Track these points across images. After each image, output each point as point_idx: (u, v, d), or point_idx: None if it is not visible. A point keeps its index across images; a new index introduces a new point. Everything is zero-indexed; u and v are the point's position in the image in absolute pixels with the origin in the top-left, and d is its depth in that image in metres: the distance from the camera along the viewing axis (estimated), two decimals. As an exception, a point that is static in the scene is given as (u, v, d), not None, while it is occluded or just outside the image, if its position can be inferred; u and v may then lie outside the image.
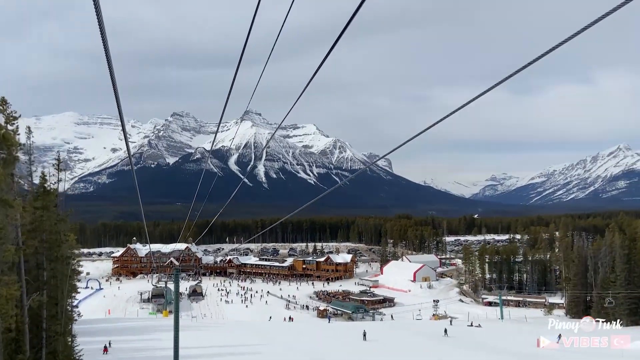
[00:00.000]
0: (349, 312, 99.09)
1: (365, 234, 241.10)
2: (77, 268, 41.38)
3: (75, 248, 37.36)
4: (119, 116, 5.84)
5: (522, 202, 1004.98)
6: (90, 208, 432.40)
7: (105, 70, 4.92)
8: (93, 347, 52.76)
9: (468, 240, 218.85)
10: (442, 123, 6.44)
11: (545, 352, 44.41)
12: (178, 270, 28.91)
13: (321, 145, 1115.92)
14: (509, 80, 5.36)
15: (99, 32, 4.38)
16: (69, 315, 34.71)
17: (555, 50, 4.91)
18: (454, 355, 48.25)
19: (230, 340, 60.23)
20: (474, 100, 5.79)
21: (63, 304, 35.10)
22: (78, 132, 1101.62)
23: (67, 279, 29.69)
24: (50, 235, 29.53)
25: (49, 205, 29.06)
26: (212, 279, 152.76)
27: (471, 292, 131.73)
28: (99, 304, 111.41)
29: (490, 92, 5.65)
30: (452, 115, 6.13)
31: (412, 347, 55.46)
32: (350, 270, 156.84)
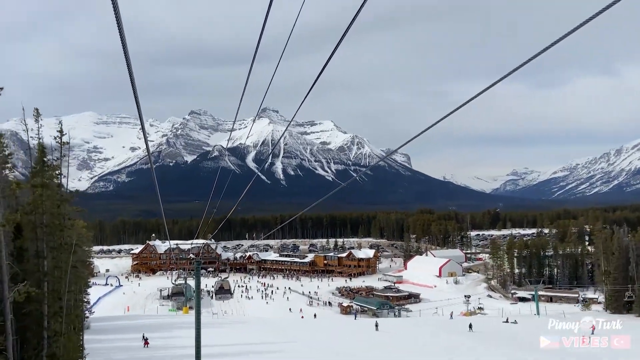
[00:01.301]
0: (374, 308, 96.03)
1: (387, 229, 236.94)
2: (88, 259, 38.23)
3: (85, 236, 33.92)
4: (139, 115, 5.94)
5: (545, 197, 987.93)
6: (110, 207, 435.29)
7: (124, 70, 4.97)
8: (117, 345, 50.43)
9: (493, 235, 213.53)
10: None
11: (591, 349, 41.29)
12: (199, 262, 25.64)
13: (339, 141, 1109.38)
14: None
15: (118, 33, 4.38)
16: (76, 312, 31.06)
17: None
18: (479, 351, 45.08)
19: (253, 338, 57.76)
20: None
21: (72, 299, 31.71)
22: (97, 131, 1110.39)
23: (69, 269, 25.99)
24: (52, 218, 25.91)
25: (49, 183, 25.47)
26: (232, 275, 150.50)
27: (500, 287, 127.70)
28: (119, 301, 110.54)
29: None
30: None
31: (445, 344, 51.63)
32: (372, 265, 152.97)
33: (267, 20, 6.33)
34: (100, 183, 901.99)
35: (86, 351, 44.51)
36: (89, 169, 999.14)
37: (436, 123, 6.79)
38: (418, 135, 7.50)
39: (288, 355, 45.79)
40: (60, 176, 28.55)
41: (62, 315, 25.25)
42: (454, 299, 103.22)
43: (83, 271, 36.65)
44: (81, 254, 36.40)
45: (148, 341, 51.03)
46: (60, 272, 27.22)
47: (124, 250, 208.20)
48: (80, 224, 33.41)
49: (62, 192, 27.96)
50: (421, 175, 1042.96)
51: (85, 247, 38.59)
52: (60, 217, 27.10)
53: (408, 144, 8.23)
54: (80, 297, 38.02)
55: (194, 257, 27.86)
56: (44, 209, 25.86)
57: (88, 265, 42.93)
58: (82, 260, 34.71)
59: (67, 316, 28.70)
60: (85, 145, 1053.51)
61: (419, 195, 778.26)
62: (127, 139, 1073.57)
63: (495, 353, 45.83)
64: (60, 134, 27.59)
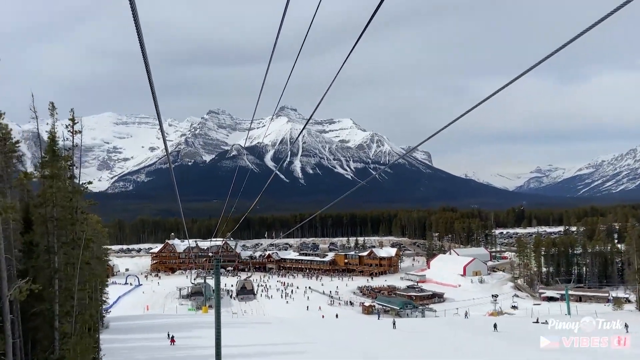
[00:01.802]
0: (397, 308, 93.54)
1: (409, 228, 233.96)
2: (103, 256, 36.51)
3: (100, 232, 32.11)
4: (157, 115, 5.99)
5: (569, 194, 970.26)
6: (130, 206, 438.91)
7: (143, 70, 4.98)
8: (137, 345, 49.10)
9: (518, 233, 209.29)
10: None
11: (625, 351, 38.92)
12: (219, 260, 24.12)
13: (358, 139, 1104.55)
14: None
15: (136, 33, 4.46)
16: (90, 311, 29.17)
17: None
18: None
19: (274, 338, 56.28)
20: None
21: (85, 297, 29.84)
22: (117, 132, 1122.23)
23: (81, 265, 24.08)
24: (63, 211, 24.03)
25: (60, 174, 23.59)
26: (252, 274, 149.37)
27: (527, 286, 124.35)
28: (138, 300, 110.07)
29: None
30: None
31: (482, 349, 48.97)
32: (394, 264, 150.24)
33: (286, 18, 6.39)
34: (120, 183, 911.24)
35: (102, 352, 43.09)
36: (109, 169, 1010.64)
37: (457, 119, 6.68)
38: (439, 131, 7.33)
39: (310, 356, 44.08)
40: (73, 167, 26.69)
41: (73, 314, 23.32)
42: (480, 299, 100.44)
43: (98, 268, 34.74)
44: (96, 250, 34.75)
45: (174, 339, 50.87)
46: (72, 269, 25.40)
47: (144, 249, 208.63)
48: (94, 218, 31.66)
49: (74, 184, 26.08)
50: (442, 173, 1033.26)
51: (101, 243, 36.75)
52: (71, 210, 25.25)
53: (429, 141, 8.17)
54: (95, 296, 36.29)
55: (212, 255, 25.80)
56: (55, 201, 24.03)
57: (104, 263, 41.17)
58: (97, 257, 32.93)
59: (80, 315, 26.88)
60: (105, 145, 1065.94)
61: (440, 193, 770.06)
62: (146, 139, 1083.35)
63: (520, 354, 43.47)
64: (72, 122, 25.68)
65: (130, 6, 4.14)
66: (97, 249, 35.16)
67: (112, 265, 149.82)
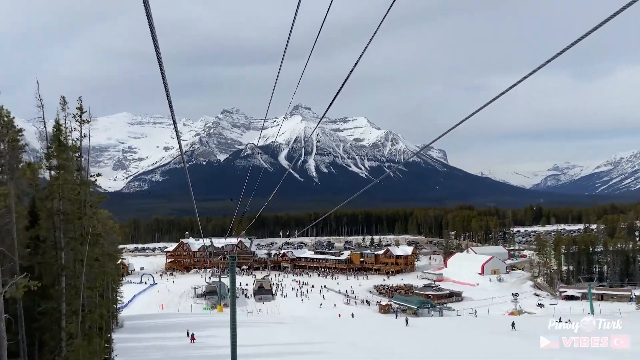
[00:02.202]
0: (414, 307, 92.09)
1: (425, 226, 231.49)
2: (115, 252, 35.29)
3: (111, 227, 30.96)
4: (171, 115, 5.99)
5: (587, 192, 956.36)
6: (145, 206, 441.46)
7: (157, 70, 5.02)
8: (152, 344, 48.30)
9: (536, 231, 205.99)
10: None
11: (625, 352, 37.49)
12: (234, 257, 23.56)
13: (372, 138, 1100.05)
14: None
15: (150, 33, 4.50)
16: (100, 311, 27.98)
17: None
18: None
19: (290, 337, 54.95)
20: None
21: (94, 296, 28.74)
22: (132, 132, 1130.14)
23: (90, 262, 22.90)
24: (70, 205, 22.86)
25: (67, 165, 22.42)
26: (267, 273, 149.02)
27: (547, 285, 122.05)
28: (153, 299, 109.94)
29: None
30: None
31: (488, 345, 47.31)
32: (411, 263, 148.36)
33: (300, 17, 6.57)
34: (135, 183, 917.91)
35: (115, 352, 42.14)
36: (124, 169, 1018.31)
37: (471, 115, 6.67)
38: (453, 127, 7.29)
39: (330, 357, 42.75)
40: (81, 159, 25.50)
41: (80, 314, 22.13)
42: (499, 298, 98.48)
43: (109, 266, 33.50)
44: (107, 247, 33.64)
45: (194, 337, 50.98)
46: (80, 266, 24.24)
47: (159, 248, 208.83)
48: (104, 214, 30.52)
49: (82, 176, 24.91)
50: (458, 171, 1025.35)
51: (113, 240, 35.54)
52: (79, 203, 24.06)
53: (445, 139, 9.08)
54: (107, 295, 35.15)
55: (227, 253, 24.29)
56: (61, 194, 22.85)
57: (116, 260, 39.89)
58: (108, 254, 31.75)
59: (89, 315, 25.72)
60: (120, 145, 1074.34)
61: (456, 191, 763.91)
62: (161, 138, 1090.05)
63: (541, 354, 41.74)
64: (80, 111, 24.51)
65: (144, 7, 4.19)
66: (109, 246, 34.00)
67: (127, 264, 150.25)
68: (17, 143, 18.81)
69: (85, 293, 22.46)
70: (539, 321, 75.70)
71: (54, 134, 21.80)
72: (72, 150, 23.27)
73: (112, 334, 54.72)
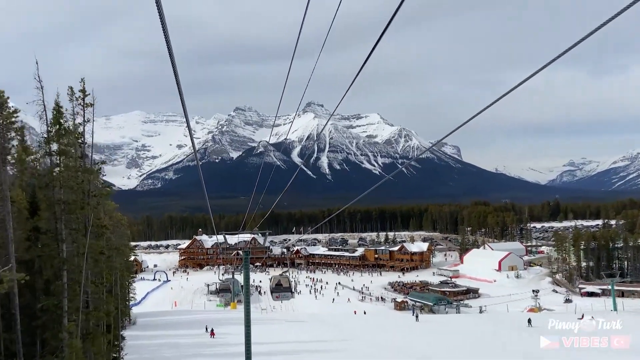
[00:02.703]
0: (430, 304, 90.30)
1: (440, 222, 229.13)
2: (125, 247, 33.86)
3: (118, 219, 29.52)
4: (184, 113, 6.06)
5: (604, 188, 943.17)
6: (158, 203, 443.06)
7: (170, 69, 5.06)
8: (165, 342, 47.24)
9: (553, 227, 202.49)
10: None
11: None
12: (248, 252, 22.98)
13: (385, 134, 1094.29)
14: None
15: (162, 32, 4.56)
16: (108, 308, 26.53)
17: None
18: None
19: (305, 335, 53.30)
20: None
21: (99, 292, 27.35)
22: (145, 130, 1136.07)
23: (93, 255, 21.45)
24: (71, 193, 21.39)
25: (68, 151, 20.96)
26: (281, 269, 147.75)
27: (566, 281, 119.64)
28: (166, 296, 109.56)
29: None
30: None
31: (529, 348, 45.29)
32: (426, 259, 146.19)
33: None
34: (149, 181, 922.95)
35: (125, 351, 40.96)
36: (137, 167, 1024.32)
37: (485, 109, 6.58)
38: (468, 120, 7.18)
39: (346, 355, 41.10)
40: (84, 145, 23.99)
41: (82, 311, 20.68)
42: (518, 294, 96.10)
43: (117, 260, 32.03)
44: (116, 240, 32.18)
45: (214, 332, 51.23)
46: (83, 260, 22.77)
47: (172, 245, 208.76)
48: (111, 205, 29.10)
49: (84, 164, 23.43)
50: (472, 167, 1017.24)
51: (121, 233, 34.06)
52: (81, 192, 22.57)
53: (459, 135, 9.64)
54: (116, 291, 33.75)
55: (241, 248, 23.03)
56: (62, 181, 21.39)
57: (126, 255, 38.36)
58: (116, 247, 30.28)
59: (94, 312, 24.29)
60: (134, 143, 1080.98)
61: (470, 187, 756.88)
62: (174, 136, 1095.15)
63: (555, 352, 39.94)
64: (83, 94, 23.02)
65: (157, 6, 4.18)
66: (117, 240, 32.54)
67: (141, 261, 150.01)
68: (11, 124, 17.37)
69: (89, 289, 20.91)
70: (561, 318, 73.53)
71: (53, 117, 20.30)
72: (74, 135, 21.76)
73: (124, 331, 53.87)
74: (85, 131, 22.73)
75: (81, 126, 22.27)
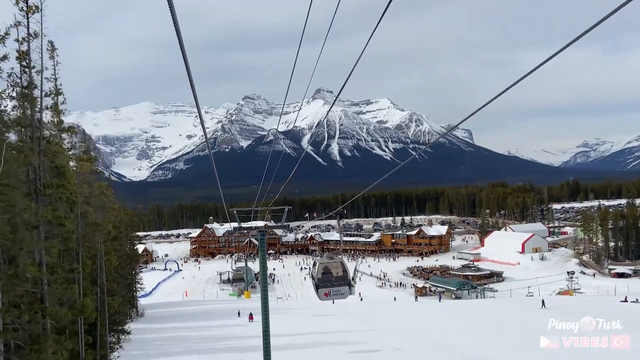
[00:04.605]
0: (454, 289, 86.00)
1: (457, 205, 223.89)
2: (108, 224, 28.54)
3: (102, 192, 24.56)
4: (195, 104, 6.09)
5: (619, 168, 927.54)
6: (169, 194, 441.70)
7: (178, 59, 5.05)
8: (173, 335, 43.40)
9: (574, 207, 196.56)
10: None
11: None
12: (264, 232, 19.83)
13: (396, 119, 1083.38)
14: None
15: (172, 22, 4.54)
16: (85, 302, 21.70)
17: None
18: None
19: (326, 325, 49.19)
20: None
21: (63, 280, 22.82)
22: (154, 121, 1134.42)
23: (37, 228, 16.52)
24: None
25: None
26: (295, 256, 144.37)
27: (593, 263, 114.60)
28: (178, 286, 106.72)
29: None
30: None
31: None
32: (445, 243, 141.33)
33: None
34: (159, 171, 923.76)
35: (123, 350, 36.89)
36: (148, 158, 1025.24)
37: (499, 95, 6.40)
38: (480, 109, 6.99)
39: (372, 348, 36.77)
40: (29, 69, 17.33)
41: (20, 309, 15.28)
42: (549, 277, 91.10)
43: (96, 240, 26.63)
44: (96, 215, 26.84)
45: (252, 316, 51.02)
46: (28, 234, 16.92)
47: (183, 234, 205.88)
48: (86, 167, 24.12)
49: (31, 94, 17.20)
50: (484, 150, 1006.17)
51: (104, 205, 28.57)
52: (24, 131, 17.06)
53: (470, 118, 7.92)
54: (101, 280, 28.62)
55: (256, 228, 17.90)
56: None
57: (112, 234, 32.03)
58: (94, 223, 25.06)
59: (49, 309, 19.10)
60: (144, 135, 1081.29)
61: (483, 171, 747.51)
62: (183, 127, 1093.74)
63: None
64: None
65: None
66: (99, 214, 27.07)
67: (152, 250, 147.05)
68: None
69: (44, 277, 15.67)
70: (588, 301, 68.65)
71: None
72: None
73: (130, 324, 49.91)
74: (31, 51, 16.92)
75: (25, 42, 16.54)
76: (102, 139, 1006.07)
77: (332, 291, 17.65)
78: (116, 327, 32.56)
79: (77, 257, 20.62)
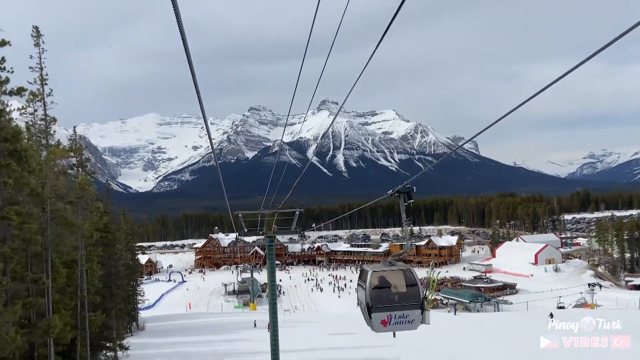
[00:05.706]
0: (466, 301, 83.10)
1: (466, 215, 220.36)
2: (94, 217, 25.51)
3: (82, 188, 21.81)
4: (202, 115, 6.06)
5: (626, 180, 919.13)
6: (175, 205, 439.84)
7: (184, 70, 4.96)
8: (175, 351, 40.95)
9: (585, 218, 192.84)
10: (533, 100, 6.34)
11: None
12: (272, 238, 19.75)
13: (402, 130, 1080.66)
14: (607, 50, 4.87)
15: (179, 33, 4.59)
16: (52, 322, 19.02)
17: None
18: None
19: (334, 340, 45.92)
20: (568, 74, 5.58)
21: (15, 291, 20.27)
22: (161, 132, 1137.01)
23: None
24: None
25: None
26: (302, 267, 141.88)
27: (609, 274, 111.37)
28: (182, 297, 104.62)
29: (586, 63, 5.34)
30: (544, 91, 5.98)
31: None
32: (455, 254, 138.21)
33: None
34: (165, 182, 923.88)
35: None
36: (154, 169, 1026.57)
37: (516, 109, 6.38)
38: (493, 124, 7.12)
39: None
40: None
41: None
42: (556, 291, 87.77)
43: (67, 239, 23.20)
44: (81, 214, 23.89)
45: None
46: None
47: (187, 245, 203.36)
48: (58, 152, 21.45)
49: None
50: (490, 161, 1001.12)
51: (86, 198, 25.14)
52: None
53: (475, 130, 6.86)
54: (82, 292, 25.62)
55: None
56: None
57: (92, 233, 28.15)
58: (71, 223, 21.86)
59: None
60: (150, 146, 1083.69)
61: (489, 182, 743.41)
62: (189, 138, 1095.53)
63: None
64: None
65: (173, 7, 4.18)
66: (80, 213, 23.81)
67: (156, 261, 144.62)
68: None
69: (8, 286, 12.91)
70: (613, 314, 65.50)
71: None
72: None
73: (129, 339, 47.30)
74: None
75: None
76: (108, 150, 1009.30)
77: (393, 317, 10.24)
78: (109, 345, 29.54)
79: (47, 264, 17.82)
